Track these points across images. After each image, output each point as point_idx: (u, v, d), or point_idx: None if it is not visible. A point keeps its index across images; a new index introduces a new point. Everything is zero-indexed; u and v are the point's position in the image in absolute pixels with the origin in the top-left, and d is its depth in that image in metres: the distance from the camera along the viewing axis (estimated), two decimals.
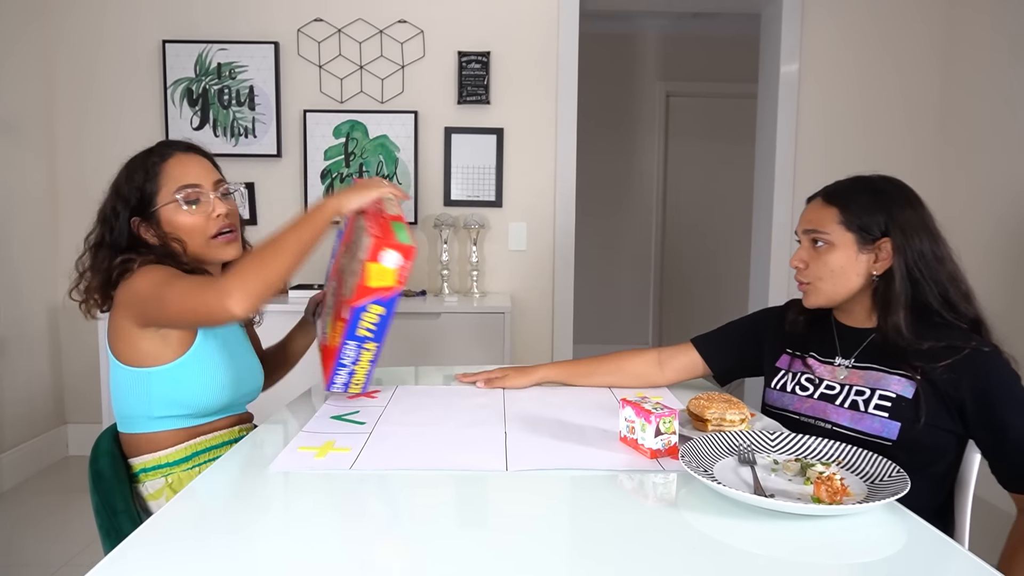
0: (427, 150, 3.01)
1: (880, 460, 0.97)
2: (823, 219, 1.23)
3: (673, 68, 4.83)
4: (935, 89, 3.01)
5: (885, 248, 1.20)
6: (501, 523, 0.86)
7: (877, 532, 0.83)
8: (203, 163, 1.30)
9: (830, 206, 1.24)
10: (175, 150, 1.29)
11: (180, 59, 2.91)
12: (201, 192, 1.26)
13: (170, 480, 1.23)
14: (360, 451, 1.07)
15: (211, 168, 1.31)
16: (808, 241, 1.26)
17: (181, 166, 1.26)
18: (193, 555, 0.76)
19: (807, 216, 1.27)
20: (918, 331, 1.17)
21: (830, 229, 1.22)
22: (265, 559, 0.76)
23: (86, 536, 2.26)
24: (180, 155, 1.28)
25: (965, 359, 1.13)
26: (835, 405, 1.22)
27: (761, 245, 3.19)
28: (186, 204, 1.24)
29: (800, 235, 1.28)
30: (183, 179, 1.25)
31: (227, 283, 1.11)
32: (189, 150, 1.31)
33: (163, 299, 1.15)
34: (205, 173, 1.28)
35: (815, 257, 1.24)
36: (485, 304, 2.76)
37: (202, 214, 1.26)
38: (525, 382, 1.46)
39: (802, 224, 1.28)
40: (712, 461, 1.01)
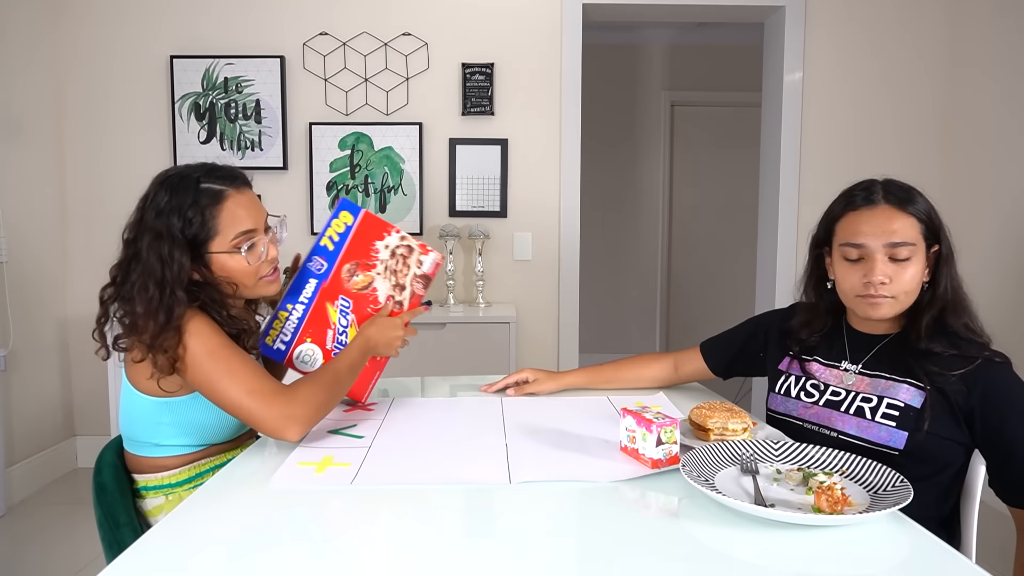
0: (432, 161, 3.02)
1: (884, 470, 0.96)
2: (908, 230, 1.16)
3: (678, 78, 4.84)
4: (938, 97, 3.00)
5: (933, 255, 1.19)
6: (506, 536, 0.86)
7: (880, 543, 0.82)
8: (254, 201, 1.25)
9: (911, 216, 1.16)
10: (229, 188, 1.21)
11: (188, 74, 2.95)
12: (257, 236, 1.23)
13: (169, 498, 1.23)
14: (360, 466, 1.06)
15: (259, 204, 1.26)
16: (887, 253, 1.16)
17: (239, 209, 1.20)
18: (191, 570, 0.76)
19: (887, 227, 1.16)
20: (933, 337, 1.16)
21: (915, 240, 1.16)
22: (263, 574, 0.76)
23: (94, 548, 2.27)
24: (236, 195, 1.21)
25: (976, 369, 1.12)
26: (840, 412, 1.21)
27: (767, 253, 3.18)
28: (246, 251, 1.21)
29: (874, 247, 1.16)
30: (241, 225, 1.20)
31: (296, 409, 1.12)
32: (242, 186, 1.24)
33: (218, 386, 1.12)
34: (258, 213, 1.24)
35: (899, 270, 1.16)
36: (490, 314, 2.76)
37: (256, 260, 1.23)
38: (554, 387, 1.48)
39: (880, 236, 1.16)
40: (714, 471, 1.00)
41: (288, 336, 1.31)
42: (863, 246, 1.17)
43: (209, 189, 1.19)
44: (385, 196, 3.01)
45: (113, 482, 1.21)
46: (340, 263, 1.34)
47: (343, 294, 1.34)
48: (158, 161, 2.97)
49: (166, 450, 1.24)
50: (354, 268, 1.35)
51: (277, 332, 1.31)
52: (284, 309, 1.33)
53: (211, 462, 1.27)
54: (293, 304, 1.33)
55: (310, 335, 1.31)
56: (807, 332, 1.31)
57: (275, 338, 1.31)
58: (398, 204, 3.01)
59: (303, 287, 1.34)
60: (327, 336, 1.31)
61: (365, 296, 1.35)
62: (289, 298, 1.33)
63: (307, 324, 1.32)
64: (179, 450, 1.24)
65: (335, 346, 1.32)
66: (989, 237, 2.72)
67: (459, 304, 2.96)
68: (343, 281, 1.34)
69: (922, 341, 1.16)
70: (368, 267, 1.35)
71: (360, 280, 1.35)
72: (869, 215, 1.18)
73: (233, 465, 1.09)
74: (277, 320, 1.31)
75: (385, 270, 1.36)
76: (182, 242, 1.16)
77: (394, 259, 1.35)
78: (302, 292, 1.33)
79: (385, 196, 3.01)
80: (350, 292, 1.34)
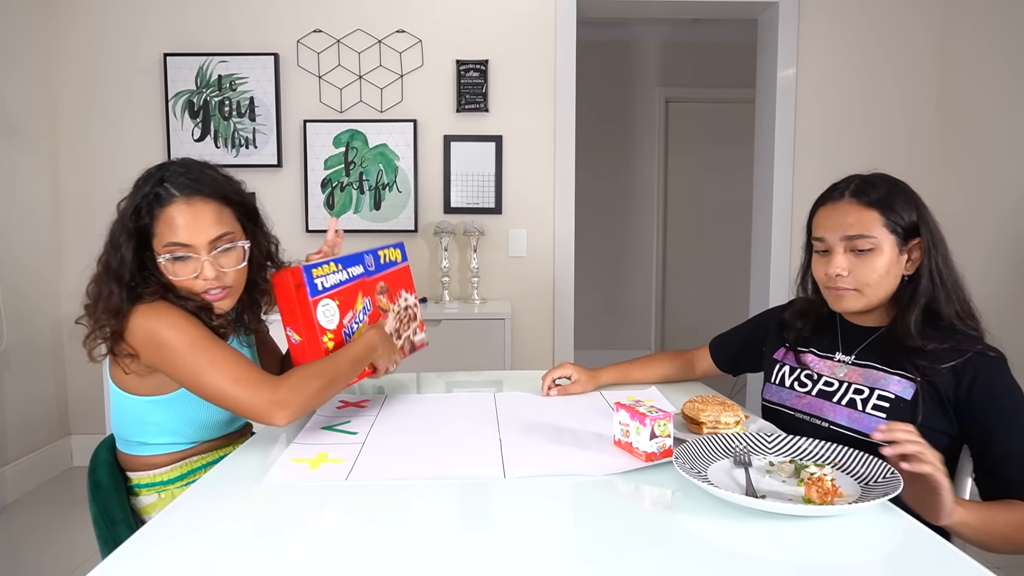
0: (426, 158, 3.02)
1: (874, 461, 0.97)
2: (866, 223, 1.17)
3: (672, 74, 4.84)
4: (932, 92, 3.02)
5: (916, 248, 1.19)
6: (502, 530, 0.86)
7: (871, 533, 0.83)
8: (202, 218, 1.17)
9: (870, 208, 1.17)
10: (178, 195, 1.16)
11: (181, 71, 2.94)
12: (191, 252, 1.17)
13: (162, 495, 1.23)
14: (355, 462, 1.07)
15: (211, 222, 1.17)
16: (845, 246, 1.18)
17: (177, 218, 1.16)
18: (185, 565, 0.77)
19: (843, 220, 1.19)
20: (925, 333, 1.16)
21: (875, 232, 1.16)
22: (260, 570, 0.76)
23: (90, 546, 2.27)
24: (180, 205, 1.16)
25: (968, 362, 1.12)
26: (832, 402, 1.22)
27: (761, 249, 3.19)
28: (172, 261, 1.17)
29: (832, 241, 1.19)
30: (173, 236, 1.16)
31: (285, 395, 1.10)
32: (194, 197, 1.17)
33: (203, 378, 1.11)
34: (201, 230, 1.16)
35: (859, 263, 1.18)
36: (486, 310, 2.76)
37: (187, 275, 1.18)
38: (592, 386, 1.49)
39: (835, 230, 1.19)
40: (707, 463, 1.01)
41: (328, 284, 1.29)
42: (823, 239, 1.21)
43: (162, 190, 1.17)
44: (380, 193, 3.01)
45: (108, 479, 1.21)
46: (380, 277, 1.43)
47: (370, 298, 1.39)
48: (152, 159, 2.91)
49: (155, 448, 1.23)
50: (385, 289, 1.44)
51: (323, 273, 1.29)
52: (336, 263, 1.33)
53: (202, 459, 1.27)
54: (343, 267, 1.34)
55: (340, 300, 1.31)
56: (802, 323, 1.33)
57: (320, 275, 1.29)
58: (393, 201, 3.01)
59: (354, 264, 1.37)
60: (347, 313, 1.32)
61: (379, 315, 1.42)
62: (344, 260, 1.35)
63: (341, 291, 1.32)
64: (168, 448, 1.24)
65: (348, 326, 1.31)
66: (986, 231, 2.73)
67: (454, 300, 2.96)
68: (375, 290, 1.41)
69: (912, 338, 1.16)
70: (392, 300, 1.46)
71: (383, 302, 1.43)
72: (831, 209, 1.22)
73: (226, 462, 1.09)
74: (328, 266, 1.30)
75: (396, 315, 1.46)
76: (132, 231, 1.17)
77: (406, 312, 1.50)
78: (351, 266, 1.36)
79: (380, 193, 3.01)
80: (374, 301, 1.41)
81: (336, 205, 3.01)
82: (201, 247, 1.17)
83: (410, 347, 1.50)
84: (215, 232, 1.18)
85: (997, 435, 1.09)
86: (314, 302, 1.26)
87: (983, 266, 2.70)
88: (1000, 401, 1.10)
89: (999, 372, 1.12)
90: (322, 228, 3.00)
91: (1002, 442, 1.09)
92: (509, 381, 1.66)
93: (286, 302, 1.25)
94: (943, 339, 1.15)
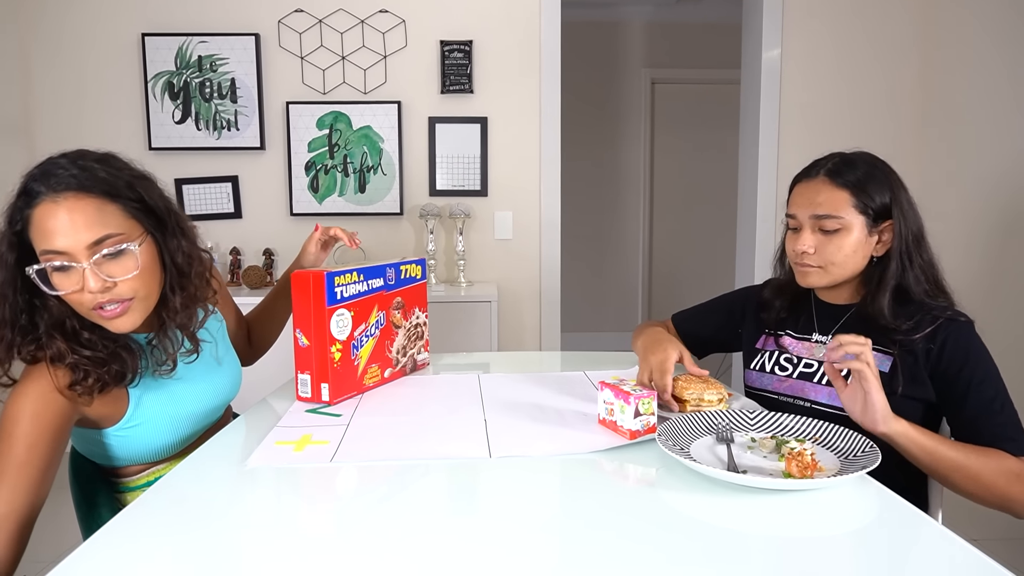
0: (411, 140, 3.00)
1: (854, 435, 0.98)
2: (835, 202, 1.18)
3: (657, 55, 4.83)
4: (916, 73, 3.03)
5: (888, 230, 1.20)
6: (488, 509, 0.86)
7: (850, 505, 0.84)
8: (76, 217, 0.96)
9: (841, 189, 1.18)
10: (46, 192, 0.96)
11: (160, 52, 2.89)
12: (69, 260, 0.96)
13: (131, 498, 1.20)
14: (339, 443, 1.07)
15: (89, 222, 0.96)
16: (814, 224, 1.20)
17: (47, 219, 0.95)
18: (168, 547, 0.77)
19: (813, 198, 1.20)
20: (896, 312, 1.18)
21: (844, 212, 1.18)
22: (243, 551, 0.76)
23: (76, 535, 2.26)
24: (47, 204, 0.96)
25: (939, 328, 1.15)
26: (814, 383, 1.23)
27: (746, 230, 3.20)
28: (53, 271, 0.97)
29: (802, 218, 1.21)
30: (44, 241, 0.96)
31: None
32: (65, 191, 0.96)
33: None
34: (75, 233, 0.95)
35: (826, 241, 1.19)
36: (472, 293, 2.76)
37: (71, 288, 0.98)
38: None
39: (806, 207, 1.21)
40: (689, 440, 1.02)
41: (347, 294, 1.29)
42: (795, 216, 1.23)
43: (33, 185, 0.97)
44: (364, 176, 2.99)
45: (89, 463, 1.20)
46: (398, 292, 1.43)
47: (385, 312, 1.39)
48: (132, 142, 2.93)
49: (119, 463, 1.17)
50: (400, 305, 1.44)
51: (344, 282, 1.28)
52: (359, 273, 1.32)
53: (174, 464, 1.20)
54: (365, 279, 1.33)
55: (355, 311, 1.31)
56: (780, 301, 1.34)
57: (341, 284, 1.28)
58: (378, 184, 2.99)
59: (375, 276, 1.36)
60: (360, 325, 1.32)
61: (391, 331, 1.42)
62: (366, 272, 1.34)
63: (358, 303, 1.32)
64: (133, 462, 1.17)
65: (358, 339, 1.32)
66: (965, 209, 2.76)
67: (440, 283, 2.96)
68: (391, 305, 1.41)
69: (884, 318, 1.18)
70: (406, 317, 1.46)
71: (397, 318, 1.43)
72: (804, 187, 1.23)
73: (208, 446, 1.08)
74: (349, 275, 1.29)
75: (406, 332, 1.47)
76: (13, 241, 0.98)
77: (415, 331, 1.50)
78: (372, 278, 1.35)
79: (364, 176, 2.99)
80: (389, 315, 1.41)
81: (320, 188, 2.98)
82: (79, 253, 0.96)
83: (412, 365, 1.50)
84: (93, 234, 0.96)
85: (968, 394, 1.12)
86: (330, 311, 1.25)
87: (964, 243, 2.72)
88: (970, 361, 1.13)
89: (968, 335, 1.15)
90: (307, 212, 2.98)
91: (972, 400, 1.11)
92: (496, 363, 1.67)
93: (302, 305, 1.24)
94: (913, 313, 1.17)
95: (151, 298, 1.06)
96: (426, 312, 1.53)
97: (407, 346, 1.47)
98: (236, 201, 2.98)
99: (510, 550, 0.75)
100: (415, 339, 1.50)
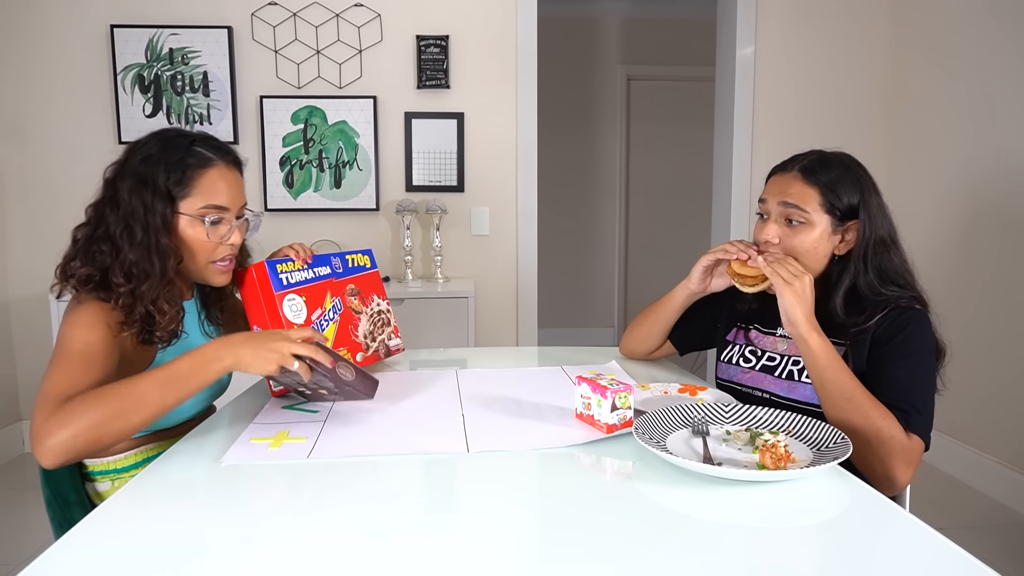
0: (387, 135, 2.98)
1: (826, 428, 1.00)
2: (804, 197, 1.20)
3: (633, 52, 4.85)
4: (887, 70, 3.08)
5: (852, 230, 1.21)
6: (466, 505, 0.87)
7: (822, 496, 0.86)
8: (238, 183, 1.23)
9: (811, 186, 1.20)
10: (219, 159, 1.20)
11: (130, 44, 2.84)
12: (226, 217, 1.20)
13: (115, 483, 1.20)
14: (316, 439, 1.06)
15: (242, 190, 1.24)
16: (780, 215, 1.23)
17: (220, 181, 1.19)
18: (142, 545, 0.76)
19: (785, 189, 1.22)
20: (850, 310, 1.19)
21: (811, 209, 1.19)
22: (221, 549, 0.76)
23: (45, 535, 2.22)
24: (222, 168, 1.19)
25: (890, 312, 1.17)
26: (773, 376, 1.25)
27: (720, 226, 3.24)
28: (209, 224, 1.18)
29: (771, 205, 1.24)
30: (215, 198, 1.18)
31: (49, 425, 0.94)
32: (233, 164, 1.23)
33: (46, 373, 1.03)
34: (236, 195, 1.21)
35: (789, 234, 1.22)
36: (449, 289, 2.76)
37: (217, 238, 1.20)
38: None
39: (776, 195, 1.23)
40: (665, 433, 1.03)
41: (293, 280, 1.30)
42: (765, 201, 1.26)
43: (200, 153, 1.18)
44: (340, 171, 2.96)
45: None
46: (349, 280, 1.44)
47: (340, 298, 1.40)
48: (100, 135, 2.87)
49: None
50: (356, 292, 1.45)
51: (287, 269, 1.30)
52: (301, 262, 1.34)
53: (159, 447, 1.24)
54: (309, 267, 1.35)
55: (307, 296, 1.31)
56: (752, 300, 1.35)
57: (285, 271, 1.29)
58: (353, 179, 2.97)
59: (320, 264, 1.38)
60: (315, 310, 1.33)
61: (351, 316, 1.42)
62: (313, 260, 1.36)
63: (308, 288, 1.32)
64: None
65: (317, 323, 1.32)
66: (929, 208, 2.82)
67: (417, 279, 2.95)
68: (345, 291, 1.42)
69: (838, 316, 1.19)
70: (365, 303, 1.47)
71: (355, 304, 1.44)
72: (778, 179, 1.26)
73: (181, 444, 1.06)
74: (291, 263, 1.31)
75: (369, 318, 1.47)
76: (164, 193, 1.14)
77: (380, 317, 1.50)
78: (318, 266, 1.37)
79: (340, 171, 2.96)
80: (345, 301, 1.41)
81: (295, 183, 2.95)
82: (235, 212, 1.22)
83: (385, 351, 1.50)
84: (244, 198, 1.25)
85: (887, 366, 1.14)
86: (280, 296, 1.25)
87: (930, 240, 2.78)
88: (898, 337, 1.15)
89: (909, 318, 1.16)
90: (281, 207, 2.95)
91: (888, 371, 1.14)
92: (473, 359, 1.67)
93: (251, 297, 1.25)
94: (866, 307, 1.19)
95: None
96: (387, 300, 1.53)
97: (374, 331, 1.47)
98: None
99: (490, 544, 0.75)
100: (382, 325, 1.50)
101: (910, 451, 1.08)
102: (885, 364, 1.15)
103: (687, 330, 1.50)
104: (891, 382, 1.13)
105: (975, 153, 2.60)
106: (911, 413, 1.10)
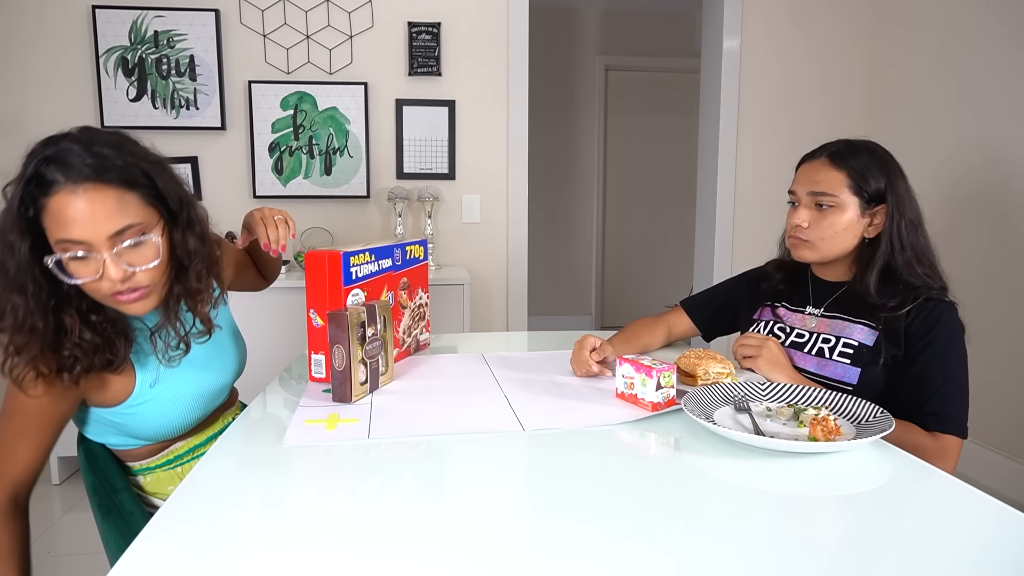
0: (378, 122, 2.97)
1: (864, 403, 1.06)
2: (832, 182, 1.27)
3: (612, 43, 4.90)
4: (870, 63, 3.18)
5: (881, 213, 1.28)
6: (529, 480, 0.90)
7: (865, 467, 0.91)
8: (98, 208, 0.93)
9: (839, 170, 1.27)
10: (63, 180, 0.92)
11: (112, 26, 2.76)
12: (89, 250, 0.94)
13: (148, 478, 1.19)
14: (370, 420, 1.08)
15: (110, 214, 0.94)
16: (811, 201, 1.30)
17: (65, 209, 0.92)
18: (224, 529, 0.77)
19: (813, 177, 1.30)
20: (883, 291, 1.26)
21: (839, 192, 1.27)
22: (298, 534, 0.77)
23: (43, 523, 2.18)
24: (65, 195, 0.91)
25: (920, 306, 1.23)
26: (803, 352, 1.31)
27: (705, 219, 3.30)
28: (70, 261, 0.95)
29: (801, 194, 1.31)
30: (62, 231, 0.92)
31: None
32: (84, 181, 0.92)
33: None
34: (96, 224, 0.93)
35: (819, 218, 1.29)
36: (443, 276, 2.77)
37: (89, 276, 0.96)
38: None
39: (806, 184, 1.30)
40: (712, 409, 1.07)
41: (361, 274, 1.30)
42: (795, 192, 1.33)
43: (42, 175, 0.92)
44: (330, 158, 2.94)
45: (101, 448, 1.16)
46: (404, 273, 1.45)
47: (393, 292, 1.41)
48: (82, 119, 2.74)
49: (126, 445, 1.16)
50: (407, 286, 1.47)
51: (358, 263, 1.29)
52: (371, 254, 1.33)
53: (187, 444, 1.21)
54: (376, 259, 1.35)
55: (367, 292, 1.32)
56: (780, 274, 1.43)
57: (356, 264, 1.29)
58: (344, 166, 2.95)
59: (385, 256, 1.38)
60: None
61: (398, 311, 1.43)
62: (376, 252, 1.35)
63: (370, 283, 1.33)
64: (139, 444, 1.16)
65: None
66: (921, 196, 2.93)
67: None
68: (398, 286, 1.43)
69: (871, 296, 1.25)
70: (411, 297, 1.48)
71: (403, 299, 1.45)
72: (807, 167, 1.33)
73: (232, 430, 1.06)
74: (363, 255, 1.30)
75: (411, 313, 1.49)
76: (24, 227, 0.94)
77: (419, 311, 1.52)
78: (383, 258, 1.37)
79: (330, 158, 2.94)
80: (396, 296, 1.42)
81: (285, 170, 2.92)
82: (99, 243, 0.94)
83: (415, 346, 1.51)
84: (114, 225, 0.94)
85: (918, 362, 1.21)
86: (346, 291, 1.25)
87: None
88: (931, 334, 1.21)
89: (940, 314, 1.22)
90: (271, 194, 2.91)
91: (919, 369, 1.20)
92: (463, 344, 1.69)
93: (316, 284, 1.24)
94: (899, 292, 1.25)
95: (165, 282, 1.05)
96: (428, 293, 1.55)
97: (411, 327, 1.49)
98: (196, 182, 2.89)
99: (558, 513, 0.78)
100: (418, 320, 1.52)
101: (942, 450, 1.16)
102: (919, 361, 1.20)
103: (713, 311, 1.55)
104: (925, 378, 1.19)
105: (958, 147, 2.72)
106: (945, 416, 1.17)
